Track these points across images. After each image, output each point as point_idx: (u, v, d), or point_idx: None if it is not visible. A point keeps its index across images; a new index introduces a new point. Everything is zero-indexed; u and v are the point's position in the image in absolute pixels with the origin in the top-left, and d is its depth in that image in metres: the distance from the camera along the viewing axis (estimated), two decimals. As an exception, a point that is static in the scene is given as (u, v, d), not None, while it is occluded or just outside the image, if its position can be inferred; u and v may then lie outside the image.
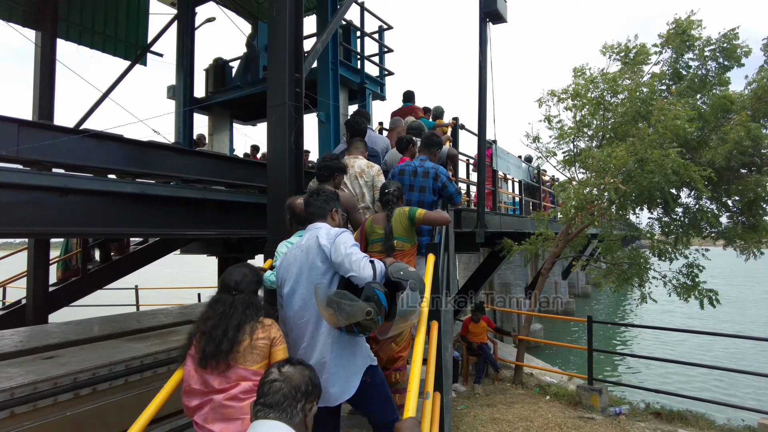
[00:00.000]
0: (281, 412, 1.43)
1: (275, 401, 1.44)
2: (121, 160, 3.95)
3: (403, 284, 2.32)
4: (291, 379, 1.50)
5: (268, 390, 1.47)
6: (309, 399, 1.51)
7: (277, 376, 1.51)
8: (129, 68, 7.93)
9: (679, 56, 7.17)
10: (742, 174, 6.72)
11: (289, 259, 2.44)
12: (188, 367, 2.14)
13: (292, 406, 1.45)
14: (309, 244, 2.38)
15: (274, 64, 3.84)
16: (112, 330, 4.95)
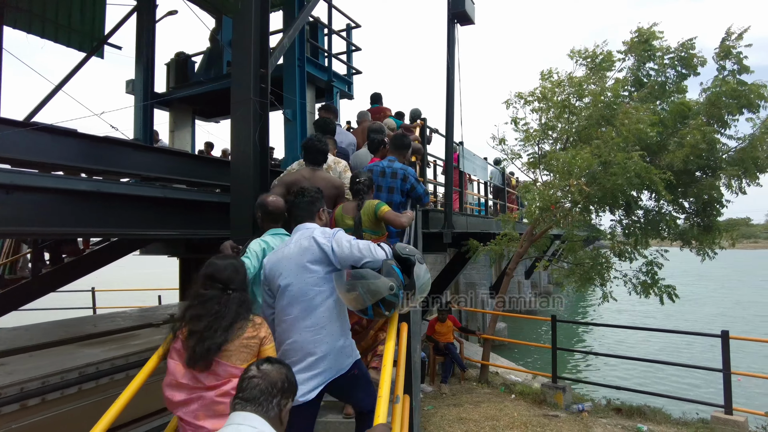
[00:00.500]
0: (258, 405, 1.52)
1: (252, 396, 1.53)
2: (74, 156, 3.74)
3: (413, 259, 2.43)
4: (268, 376, 1.58)
5: (247, 385, 1.55)
6: (285, 395, 1.59)
7: (256, 372, 1.58)
8: (84, 60, 7.56)
9: (641, 64, 7.40)
10: (697, 177, 6.99)
11: (283, 253, 2.43)
12: (174, 361, 2.10)
13: (268, 401, 1.54)
14: (302, 244, 2.39)
15: (239, 58, 3.72)
16: (65, 335, 4.71)
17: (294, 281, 2.33)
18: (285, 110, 6.04)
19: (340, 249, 2.33)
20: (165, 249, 7.69)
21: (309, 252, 2.35)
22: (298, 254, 2.37)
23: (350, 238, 2.41)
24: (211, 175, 4.96)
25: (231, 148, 3.65)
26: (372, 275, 2.25)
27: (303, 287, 2.31)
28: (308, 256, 2.34)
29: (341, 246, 2.33)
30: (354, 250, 2.32)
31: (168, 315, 5.74)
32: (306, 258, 2.34)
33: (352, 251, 2.32)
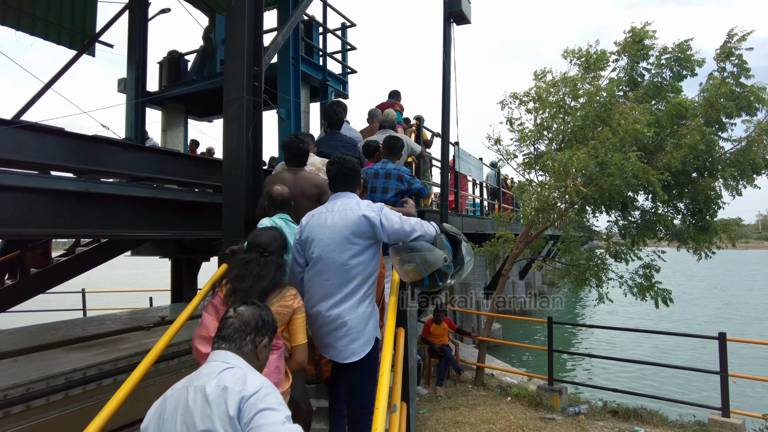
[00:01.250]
0: (232, 343, 1.65)
1: (228, 334, 1.67)
2: (62, 155, 3.64)
3: (459, 237, 2.60)
4: (242, 316, 1.71)
5: (223, 325, 1.69)
6: (259, 333, 1.71)
7: (232, 313, 1.72)
8: (75, 58, 7.44)
9: (635, 64, 7.37)
10: (694, 178, 6.96)
11: (324, 221, 2.52)
12: (209, 315, 2.29)
13: (241, 338, 1.67)
14: (348, 216, 2.47)
15: (232, 56, 3.64)
16: (52, 338, 4.58)
17: (335, 251, 2.43)
18: (279, 109, 5.96)
19: (390, 224, 2.42)
20: (157, 250, 7.57)
21: (355, 224, 2.43)
22: (342, 225, 2.45)
23: (399, 213, 2.53)
24: (202, 174, 4.87)
25: (223, 147, 3.57)
26: (428, 248, 2.42)
27: (343, 258, 2.42)
28: (353, 228, 2.43)
29: (391, 221, 2.43)
30: (405, 225, 2.43)
31: (159, 317, 5.62)
32: (350, 230, 2.43)
33: (402, 226, 2.43)
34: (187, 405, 1.50)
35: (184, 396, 1.54)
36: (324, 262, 2.45)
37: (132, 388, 2.18)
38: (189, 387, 1.55)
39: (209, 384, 1.50)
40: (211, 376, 1.54)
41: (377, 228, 2.42)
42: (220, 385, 1.49)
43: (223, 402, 1.45)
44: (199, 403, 1.48)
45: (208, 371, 1.57)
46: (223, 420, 1.43)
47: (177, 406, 1.53)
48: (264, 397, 1.48)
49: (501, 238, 8.01)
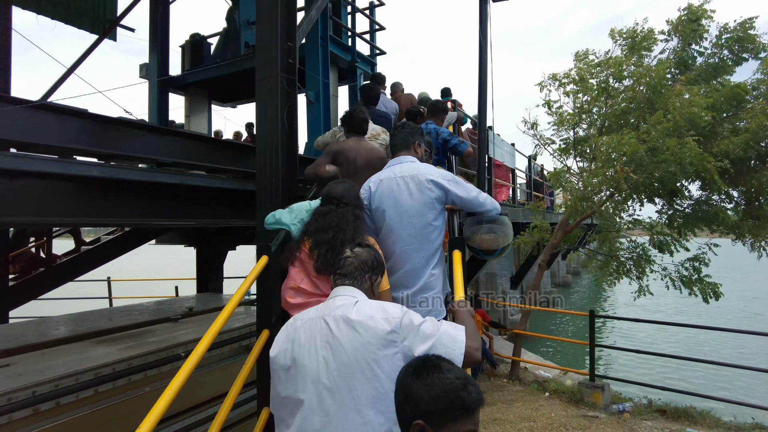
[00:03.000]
0: (353, 279, 1.84)
1: (348, 272, 1.85)
2: (84, 139, 3.42)
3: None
4: (360, 256, 1.90)
5: (344, 264, 1.88)
6: (374, 272, 1.90)
7: (350, 254, 1.91)
8: (96, 42, 7.27)
9: (687, 45, 6.85)
10: (754, 165, 6.46)
11: (390, 188, 2.61)
12: (296, 268, 2.42)
13: (361, 275, 1.86)
14: (420, 181, 2.55)
15: (264, 31, 3.35)
16: (79, 330, 4.43)
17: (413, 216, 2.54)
18: (308, 92, 5.67)
19: (467, 193, 2.57)
20: (181, 238, 7.42)
21: (427, 190, 2.54)
22: (417, 190, 2.55)
23: (470, 185, 2.66)
24: (230, 160, 4.62)
25: (256, 130, 3.30)
26: (507, 222, 2.65)
27: (420, 223, 2.53)
28: (427, 193, 2.54)
29: (468, 191, 2.58)
30: (480, 198, 2.59)
31: (186, 308, 5.45)
32: (424, 197, 2.54)
33: (478, 198, 2.59)
34: (331, 333, 1.62)
35: (321, 325, 1.67)
36: (398, 226, 2.55)
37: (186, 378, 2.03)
38: (325, 317, 1.68)
39: (351, 314, 1.64)
40: (348, 307, 1.68)
41: (451, 195, 2.55)
42: (365, 314, 1.63)
43: (373, 329, 1.59)
44: (347, 331, 1.61)
45: (342, 303, 1.71)
46: (375, 345, 1.57)
47: (314, 335, 1.66)
48: (412, 316, 1.65)
49: (536, 228, 7.65)
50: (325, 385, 1.58)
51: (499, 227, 2.62)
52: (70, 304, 9.36)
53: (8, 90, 5.54)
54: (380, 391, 1.54)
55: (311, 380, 1.61)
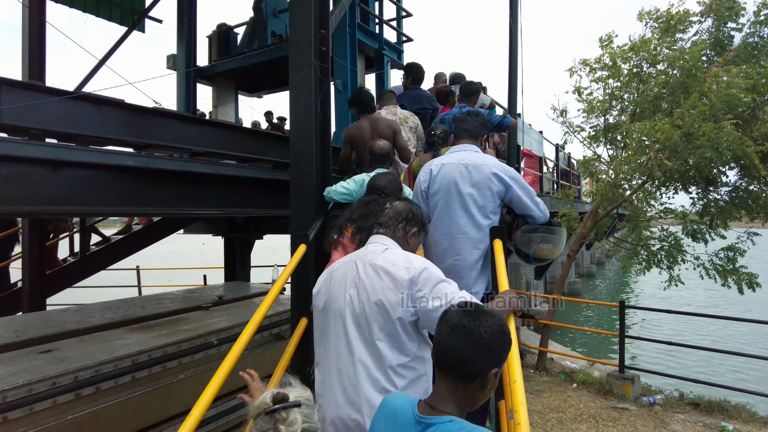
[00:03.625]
0: (387, 228, 1.97)
1: (384, 221, 1.98)
2: (120, 129, 3.46)
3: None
4: (396, 207, 2.02)
5: (382, 215, 2.01)
6: (410, 223, 1.99)
7: (388, 206, 2.03)
8: (126, 34, 7.33)
9: (722, 24, 6.59)
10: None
11: (449, 171, 2.69)
12: (338, 252, 2.52)
13: (394, 224, 1.97)
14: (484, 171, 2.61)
15: (297, 19, 3.33)
16: (114, 318, 4.53)
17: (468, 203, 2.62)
18: (335, 80, 5.64)
19: (527, 194, 2.62)
20: (209, 228, 7.51)
21: (489, 182, 2.60)
22: (479, 180, 2.61)
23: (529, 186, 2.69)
24: (261, 149, 4.64)
25: (290, 119, 3.29)
26: (564, 232, 2.70)
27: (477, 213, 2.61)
28: (489, 185, 2.60)
29: (528, 193, 2.63)
30: (534, 199, 2.65)
31: (216, 296, 5.53)
32: (485, 189, 2.61)
33: (532, 199, 2.64)
34: (358, 275, 1.80)
35: (352, 268, 1.85)
36: (451, 207, 2.64)
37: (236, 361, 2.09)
38: (356, 261, 1.86)
39: (377, 260, 1.80)
40: (377, 253, 1.84)
41: (507, 192, 2.60)
42: (389, 261, 1.78)
43: (393, 275, 1.73)
44: (372, 275, 1.78)
45: (373, 249, 1.88)
46: (393, 290, 1.71)
47: (346, 276, 1.85)
48: (434, 271, 1.75)
49: (564, 216, 7.52)
50: (349, 319, 1.78)
51: (557, 237, 2.67)
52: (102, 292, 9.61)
53: (44, 82, 5.64)
54: (393, 331, 1.71)
55: (339, 313, 1.81)
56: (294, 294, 2.97)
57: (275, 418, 1.29)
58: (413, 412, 1.26)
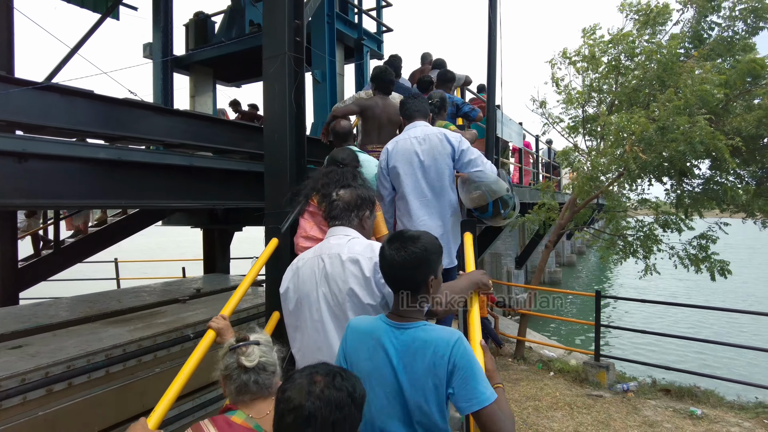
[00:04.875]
0: (341, 219, 2.05)
1: (336, 214, 2.06)
2: (92, 120, 3.39)
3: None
4: (343, 198, 2.08)
5: (333, 208, 2.08)
6: (360, 208, 2.07)
7: (335, 197, 2.10)
8: (99, 21, 7.14)
9: (703, 17, 6.66)
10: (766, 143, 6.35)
11: (404, 147, 2.94)
12: (305, 219, 2.76)
13: (347, 215, 2.05)
14: (432, 141, 2.89)
15: (271, 8, 3.28)
16: (89, 311, 4.46)
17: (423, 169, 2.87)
18: (314, 70, 5.59)
19: (468, 154, 2.84)
20: (188, 219, 7.42)
21: (436, 145, 2.85)
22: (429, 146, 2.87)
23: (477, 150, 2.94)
24: (237, 141, 4.59)
25: (264, 110, 3.26)
26: (493, 178, 2.80)
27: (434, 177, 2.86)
28: (438, 147, 2.85)
29: (470, 152, 2.86)
30: (478, 159, 2.86)
31: (194, 289, 5.48)
32: (436, 153, 2.85)
33: (476, 158, 2.86)
34: (326, 270, 1.89)
35: (318, 263, 1.94)
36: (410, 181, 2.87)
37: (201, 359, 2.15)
38: (321, 256, 1.94)
39: (342, 251, 1.89)
40: (341, 246, 1.92)
41: (456, 151, 2.84)
42: (354, 251, 1.88)
43: (359, 264, 1.84)
44: (338, 267, 1.87)
45: (336, 242, 1.96)
46: (360, 279, 1.82)
47: (313, 271, 1.93)
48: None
49: (544, 206, 7.60)
50: (326, 313, 1.87)
51: (483, 183, 2.81)
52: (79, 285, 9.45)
53: (12, 71, 5.48)
54: (362, 306, 1.82)
55: (314, 309, 1.90)
56: (268, 287, 2.96)
57: (237, 352, 1.61)
58: (386, 323, 1.54)
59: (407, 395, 1.45)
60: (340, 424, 1.10)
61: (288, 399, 1.10)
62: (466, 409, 1.41)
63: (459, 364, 1.41)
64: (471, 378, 1.42)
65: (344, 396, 1.12)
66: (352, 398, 1.13)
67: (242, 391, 1.59)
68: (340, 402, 1.10)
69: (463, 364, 1.42)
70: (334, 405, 1.10)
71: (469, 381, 1.41)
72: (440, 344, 1.44)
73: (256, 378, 1.59)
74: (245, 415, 1.54)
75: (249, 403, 1.59)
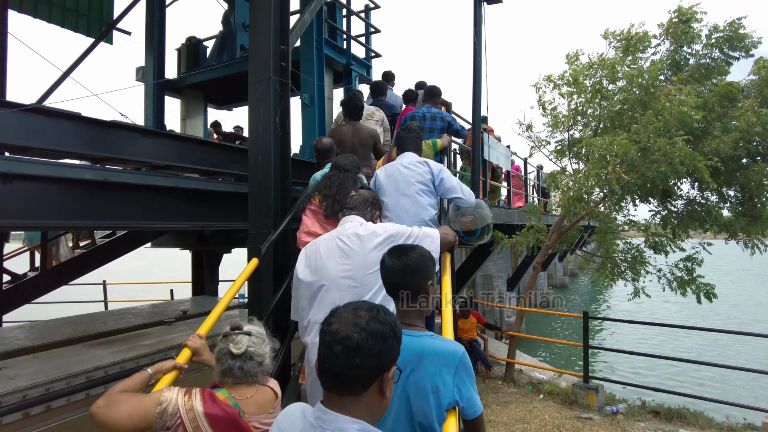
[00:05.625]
0: (358, 210, 2.37)
1: (354, 205, 2.40)
2: (78, 142, 3.42)
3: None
4: (362, 194, 2.47)
5: (351, 199, 2.45)
6: (374, 206, 2.47)
7: (354, 193, 2.49)
8: (93, 46, 7.27)
9: (679, 47, 6.88)
10: (745, 164, 6.50)
11: (390, 171, 3.24)
12: (307, 216, 3.01)
13: (364, 208, 2.40)
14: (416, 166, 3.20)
15: (257, 34, 3.37)
16: (72, 334, 4.43)
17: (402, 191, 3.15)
18: (303, 94, 5.68)
19: (447, 182, 3.18)
20: (177, 241, 7.41)
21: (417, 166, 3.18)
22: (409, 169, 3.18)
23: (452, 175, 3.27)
24: (224, 162, 4.62)
25: (249, 132, 3.31)
26: (482, 206, 3.24)
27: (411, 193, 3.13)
28: (417, 170, 3.17)
29: (449, 180, 3.19)
30: (456, 187, 3.20)
31: (180, 311, 5.45)
32: (416, 178, 3.15)
33: (454, 187, 3.20)
34: (345, 245, 2.18)
35: (337, 242, 2.22)
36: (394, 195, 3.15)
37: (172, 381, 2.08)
38: (339, 236, 2.24)
39: (358, 230, 2.22)
40: (356, 227, 2.25)
41: (436, 179, 3.15)
42: (369, 229, 2.22)
43: (377, 236, 2.17)
44: (356, 241, 2.18)
45: (350, 226, 2.27)
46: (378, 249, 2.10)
47: (332, 248, 2.21)
48: (401, 228, 2.27)
49: (532, 228, 7.66)
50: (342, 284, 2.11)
51: (475, 210, 3.19)
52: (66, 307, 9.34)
53: (4, 93, 5.54)
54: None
55: (332, 278, 2.13)
56: (250, 307, 2.96)
57: (228, 339, 1.81)
58: None
59: (412, 399, 1.54)
60: (384, 355, 1.18)
61: (335, 331, 1.17)
62: (471, 415, 1.61)
63: (464, 375, 1.58)
64: (472, 388, 1.60)
65: (387, 329, 1.20)
66: (393, 332, 1.22)
67: (227, 374, 1.78)
68: (384, 334, 1.18)
69: (466, 375, 1.58)
70: (379, 337, 1.17)
71: (471, 390, 1.59)
72: (447, 354, 1.58)
73: (242, 365, 1.77)
74: (228, 394, 1.73)
75: (232, 385, 1.77)
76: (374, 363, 1.15)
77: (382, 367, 1.17)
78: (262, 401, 1.80)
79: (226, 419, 1.67)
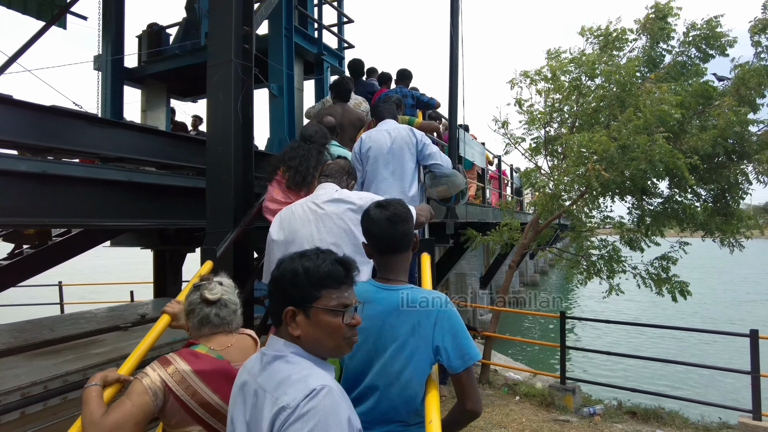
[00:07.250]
0: (334, 178, 2.43)
1: (330, 172, 2.45)
2: (12, 129, 3.04)
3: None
4: (338, 163, 2.52)
5: (327, 167, 2.50)
6: (349, 176, 2.52)
7: (330, 162, 2.55)
8: (43, 30, 6.74)
9: (655, 43, 6.83)
10: (721, 162, 6.48)
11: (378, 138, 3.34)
12: (272, 186, 2.99)
13: (339, 175, 2.45)
14: (401, 133, 3.33)
15: (218, 13, 3.06)
16: (13, 343, 4.02)
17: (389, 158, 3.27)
18: (271, 84, 5.36)
19: (427, 149, 3.31)
20: (136, 240, 6.98)
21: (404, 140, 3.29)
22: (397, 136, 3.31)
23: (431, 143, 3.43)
24: (185, 155, 4.26)
25: (207, 121, 3.01)
26: (455, 173, 3.45)
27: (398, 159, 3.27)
28: (403, 143, 3.28)
29: (430, 147, 3.33)
30: (436, 155, 3.35)
31: (139, 315, 5.07)
32: (401, 144, 3.28)
33: (433, 153, 3.34)
34: (319, 208, 2.25)
35: (310, 206, 2.29)
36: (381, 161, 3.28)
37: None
38: (314, 200, 2.31)
39: (333, 195, 2.28)
40: (331, 192, 2.31)
41: (418, 146, 3.29)
42: (344, 194, 2.29)
43: (351, 202, 2.25)
44: (332, 206, 2.24)
45: (325, 191, 2.34)
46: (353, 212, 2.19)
47: (306, 212, 2.28)
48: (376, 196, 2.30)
49: (506, 226, 7.52)
50: (317, 240, 2.15)
51: (449, 179, 3.42)
52: (17, 311, 8.76)
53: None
54: (356, 243, 2.15)
55: (307, 241, 2.17)
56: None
57: (200, 287, 1.75)
58: (374, 286, 1.65)
59: (392, 351, 1.53)
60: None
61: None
62: (459, 366, 1.51)
63: (445, 323, 1.54)
64: (461, 336, 1.54)
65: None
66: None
67: (204, 323, 1.70)
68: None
69: (448, 324, 1.55)
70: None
71: (457, 339, 1.53)
72: (429, 302, 1.57)
73: (218, 312, 1.71)
74: (207, 348, 1.65)
75: (209, 336, 1.69)
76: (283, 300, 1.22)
77: (286, 303, 1.21)
78: (243, 347, 1.73)
79: (218, 371, 1.58)
